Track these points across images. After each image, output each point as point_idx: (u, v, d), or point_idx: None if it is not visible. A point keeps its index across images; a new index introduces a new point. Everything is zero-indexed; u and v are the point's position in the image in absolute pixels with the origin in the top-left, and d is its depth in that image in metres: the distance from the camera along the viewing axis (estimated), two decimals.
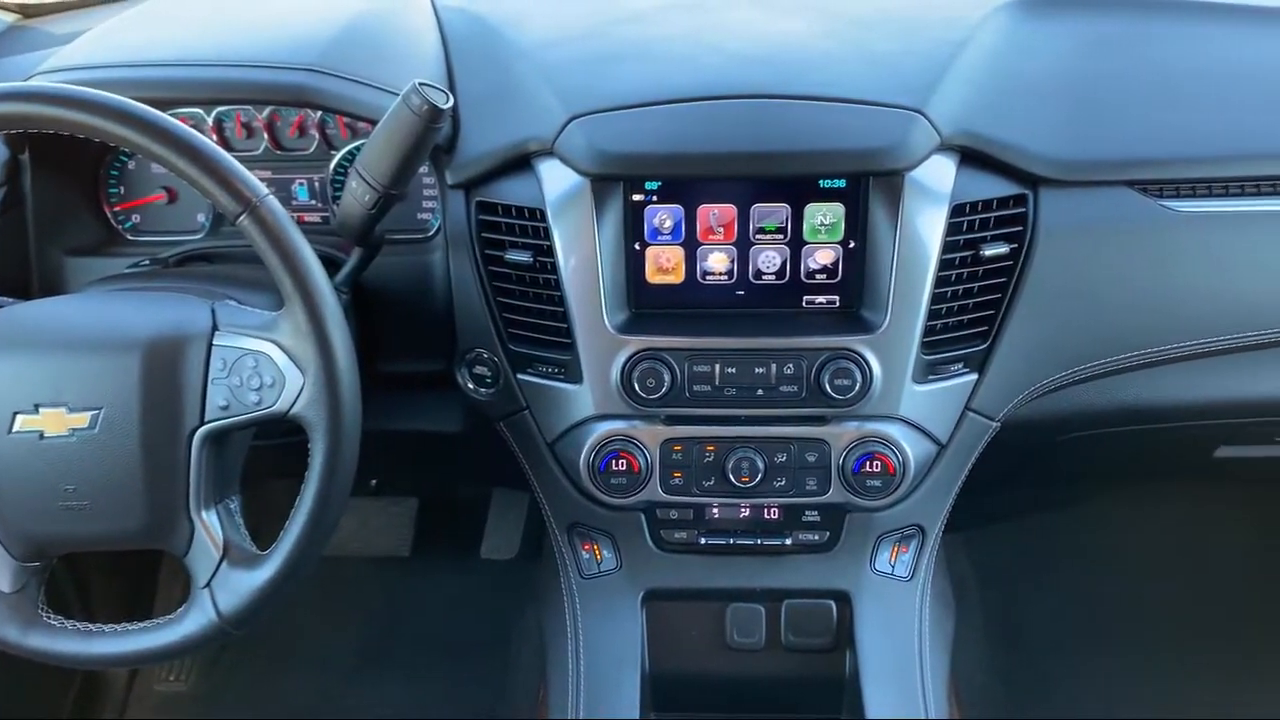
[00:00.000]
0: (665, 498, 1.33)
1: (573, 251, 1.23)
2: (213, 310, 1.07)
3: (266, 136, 1.40)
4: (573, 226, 1.23)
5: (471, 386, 1.37)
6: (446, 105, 1.13)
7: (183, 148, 1.00)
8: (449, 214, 1.30)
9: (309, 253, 1.03)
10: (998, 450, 1.37)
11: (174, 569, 2.15)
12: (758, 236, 1.24)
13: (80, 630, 1.10)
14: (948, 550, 1.57)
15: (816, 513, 1.34)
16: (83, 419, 1.03)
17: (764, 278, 1.26)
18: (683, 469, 1.31)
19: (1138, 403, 1.40)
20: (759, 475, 1.29)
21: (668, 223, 1.24)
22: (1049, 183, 1.24)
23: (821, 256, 1.25)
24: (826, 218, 1.23)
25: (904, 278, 1.21)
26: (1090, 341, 1.31)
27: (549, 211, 1.23)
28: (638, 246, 1.25)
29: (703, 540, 1.38)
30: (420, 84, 1.12)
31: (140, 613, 1.26)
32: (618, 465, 1.30)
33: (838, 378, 1.23)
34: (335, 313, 1.03)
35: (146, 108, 1.01)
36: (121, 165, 1.44)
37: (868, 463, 1.28)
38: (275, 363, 1.04)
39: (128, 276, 1.32)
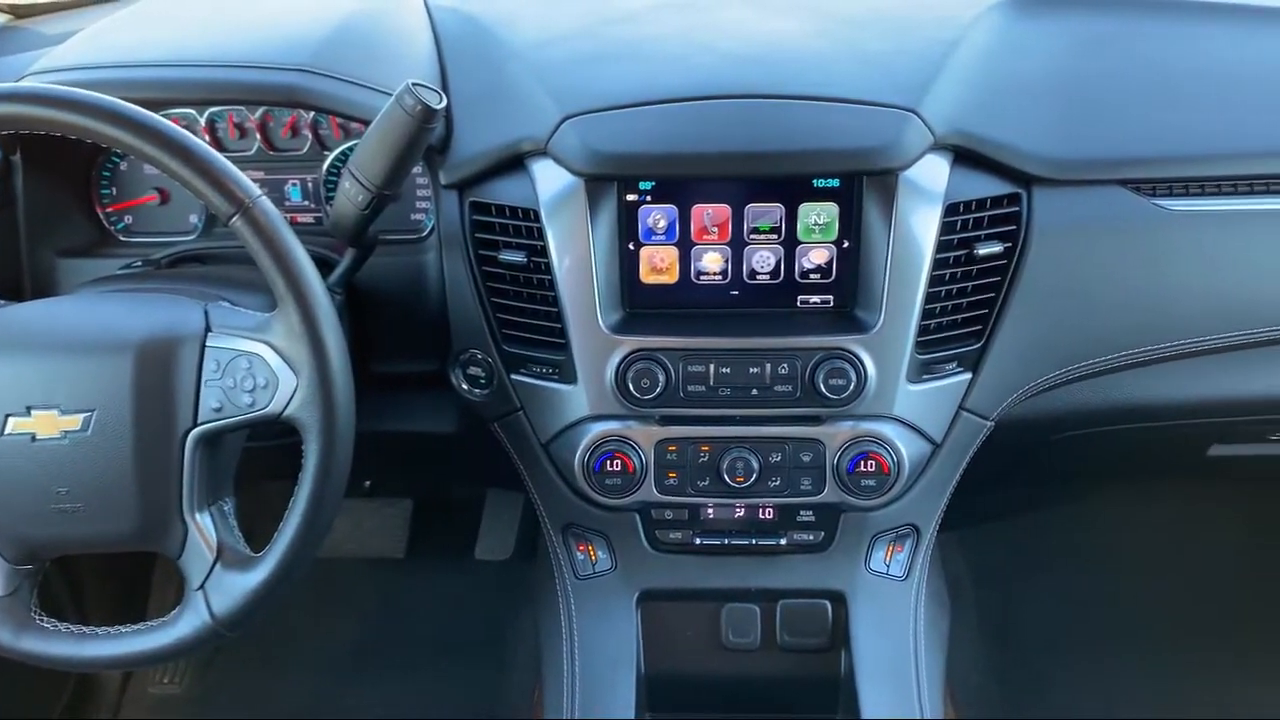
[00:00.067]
0: (660, 498, 1.33)
1: (567, 252, 1.23)
2: (205, 311, 1.07)
3: (259, 137, 1.40)
4: (567, 226, 1.22)
5: (465, 387, 1.37)
6: (440, 105, 1.13)
7: (175, 149, 1.00)
8: (442, 214, 1.30)
9: (302, 254, 1.03)
10: (992, 449, 1.37)
11: (168, 571, 2.14)
12: (752, 236, 1.24)
13: (73, 633, 1.10)
14: (942, 549, 1.57)
15: (811, 512, 1.34)
16: (75, 421, 1.03)
17: (758, 277, 1.26)
18: (677, 469, 1.31)
19: (1131, 402, 1.40)
20: (754, 475, 1.29)
21: (662, 223, 1.24)
22: (1042, 182, 1.25)
23: (815, 256, 1.25)
24: (820, 217, 1.23)
25: (898, 277, 1.21)
26: (1084, 340, 1.31)
27: (543, 212, 1.23)
28: (632, 246, 1.25)
29: (698, 540, 1.37)
30: (413, 84, 1.12)
31: (134, 615, 1.26)
32: (612, 466, 1.30)
33: (832, 377, 1.23)
34: (328, 314, 1.03)
35: (138, 108, 1.01)
36: (114, 166, 1.43)
37: (862, 462, 1.28)
38: (269, 364, 1.03)
39: (120, 278, 1.32)
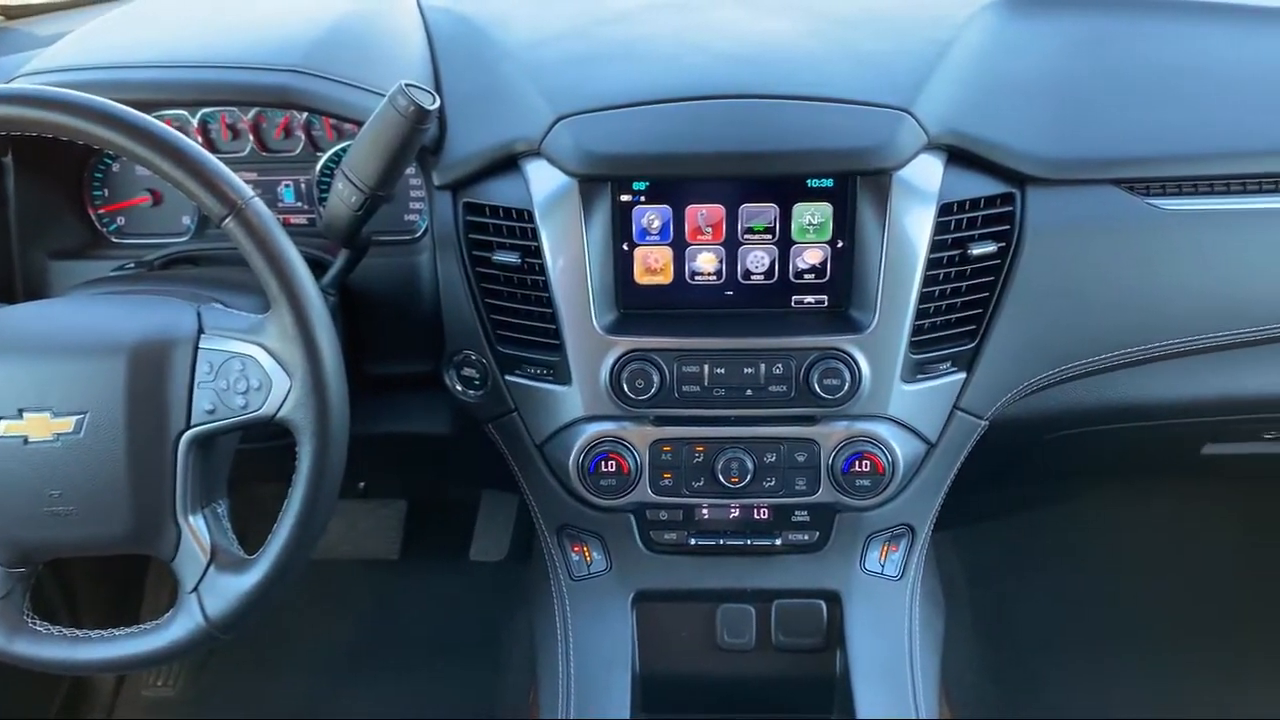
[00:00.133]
0: (655, 499, 1.32)
1: (561, 252, 1.23)
2: (198, 313, 1.07)
3: (252, 138, 1.39)
4: (560, 227, 1.22)
5: (459, 388, 1.37)
6: (433, 106, 1.13)
7: (167, 150, 1.00)
8: (436, 215, 1.30)
9: (295, 255, 1.03)
10: (986, 449, 1.37)
11: (161, 574, 2.13)
12: (746, 236, 1.24)
13: (66, 636, 1.10)
14: (937, 549, 1.57)
15: (806, 513, 1.34)
16: (67, 424, 1.02)
17: (752, 278, 1.26)
18: (672, 470, 1.31)
19: (1125, 401, 1.40)
20: (748, 475, 1.29)
21: (656, 223, 1.24)
22: (1036, 181, 1.25)
23: (810, 256, 1.25)
24: (814, 217, 1.23)
25: (892, 277, 1.22)
26: (1078, 340, 1.31)
27: (536, 212, 1.23)
28: (626, 247, 1.25)
29: (692, 541, 1.37)
30: (406, 85, 1.12)
31: (127, 618, 1.26)
32: (607, 466, 1.30)
33: (826, 377, 1.23)
34: (322, 315, 1.03)
35: (130, 110, 1.00)
36: (106, 167, 1.43)
37: (857, 462, 1.28)
38: (262, 366, 1.03)
39: (112, 279, 1.31)
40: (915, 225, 1.21)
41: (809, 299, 1.27)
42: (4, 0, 1.77)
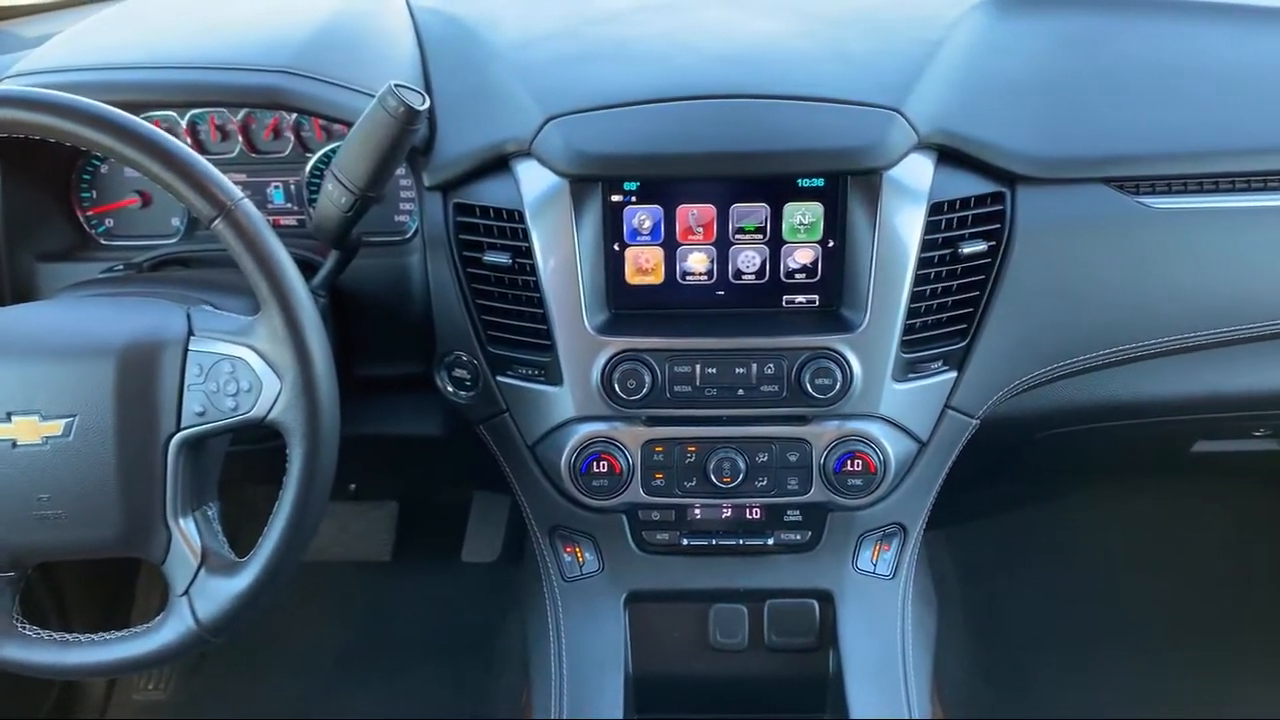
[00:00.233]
0: (647, 499, 1.32)
1: (552, 253, 1.23)
2: (188, 315, 1.06)
3: (241, 139, 1.39)
4: (551, 227, 1.22)
5: (451, 389, 1.36)
6: (423, 107, 1.13)
7: (155, 152, 0.99)
8: (426, 216, 1.29)
9: (285, 257, 1.02)
10: (978, 447, 1.38)
11: (152, 577, 2.13)
12: (737, 236, 1.24)
13: (56, 640, 1.09)
14: (929, 548, 1.58)
15: (798, 512, 1.34)
16: (56, 427, 1.02)
17: (744, 277, 1.26)
18: (664, 470, 1.31)
19: (1116, 399, 1.40)
20: (740, 475, 1.29)
21: (647, 223, 1.24)
22: (1026, 180, 1.25)
23: (801, 256, 1.25)
24: (805, 217, 1.23)
25: (883, 276, 1.22)
26: (1068, 338, 1.32)
27: (527, 213, 1.22)
28: (617, 247, 1.25)
29: (685, 541, 1.37)
30: (396, 85, 1.12)
31: (118, 622, 1.25)
32: (599, 467, 1.30)
33: (818, 377, 1.23)
34: (312, 317, 1.03)
35: (119, 111, 1.00)
36: (94, 169, 1.42)
37: (849, 461, 1.28)
38: (252, 368, 1.03)
39: (101, 282, 1.30)
40: (906, 225, 1.21)
41: (800, 299, 1.27)
42: None
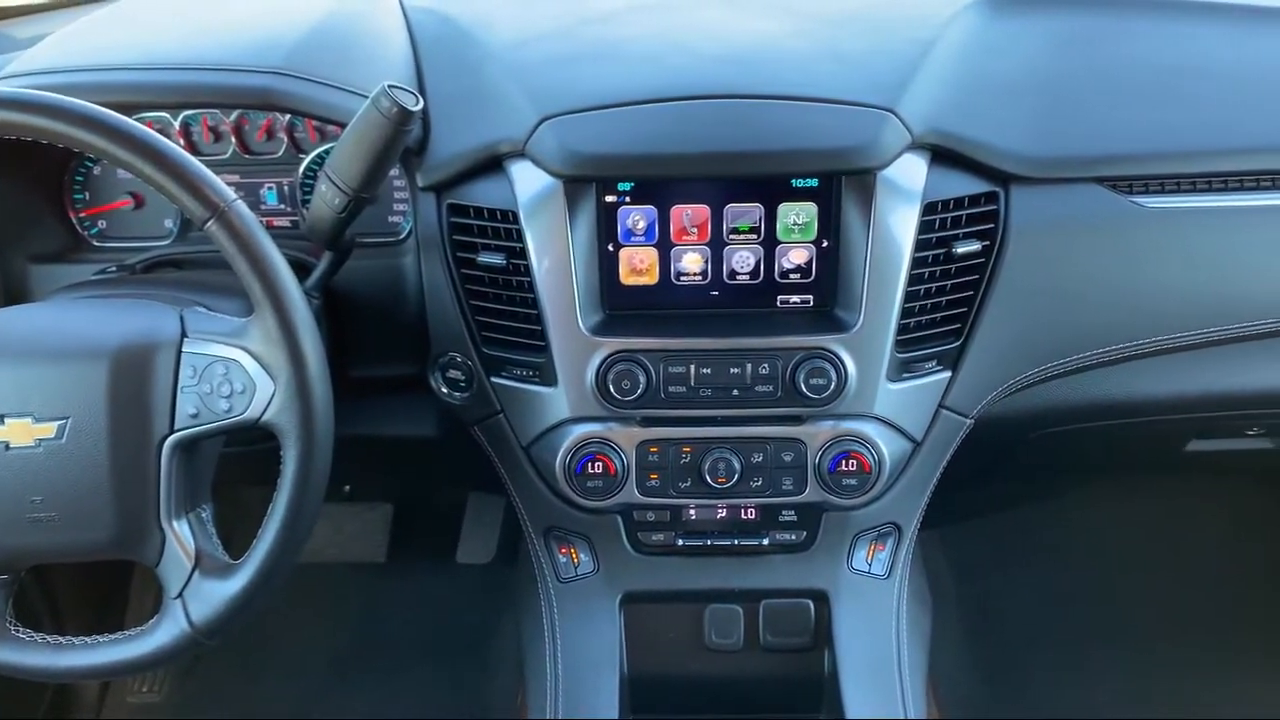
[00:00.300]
0: (642, 500, 1.32)
1: (546, 253, 1.22)
2: (181, 317, 1.06)
3: (234, 140, 1.39)
4: (545, 228, 1.22)
5: (445, 391, 1.36)
6: (416, 107, 1.13)
7: (148, 153, 0.99)
8: (420, 217, 1.29)
9: (278, 258, 1.02)
10: (972, 447, 1.38)
11: (146, 579, 2.12)
12: (731, 236, 1.24)
13: (49, 643, 1.09)
14: (924, 547, 1.58)
15: (793, 512, 1.34)
16: (49, 429, 1.01)
17: (738, 278, 1.26)
18: (659, 470, 1.31)
19: (1110, 398, 1.41)
20: (735, 476, 1.29)
21: (641, 224, 1.24)
22: (1019, 180, 1.25)
23: (795, 256, 1.25)
24: (799, 217, 1.23)
25: (877, 276, 1.22)
26: (1062, 338, 1.32)
27: (521, 213, 1.22)
28: (611, 248, 1.25)
29: (680, 542, 1.37)
30: (389, 86, 1.11)
31: (111, 624, 1.25)
32: (594, 468, 1.29)
33: (813, 377, 1.23)
34: (306, 318, 1.02)
35: (111, 113, 1.00)
36: (86, 170, 1.42)
37: (843, 461, 1.28)
38: (245, 369, 1.02)
39: (94, 284, 1.30)
40: (900, 224, 1.21)
41: (794, 299, 1.27)
42: None
